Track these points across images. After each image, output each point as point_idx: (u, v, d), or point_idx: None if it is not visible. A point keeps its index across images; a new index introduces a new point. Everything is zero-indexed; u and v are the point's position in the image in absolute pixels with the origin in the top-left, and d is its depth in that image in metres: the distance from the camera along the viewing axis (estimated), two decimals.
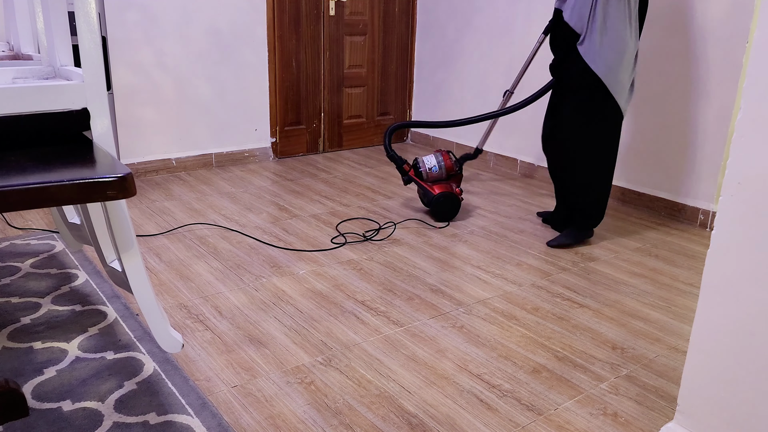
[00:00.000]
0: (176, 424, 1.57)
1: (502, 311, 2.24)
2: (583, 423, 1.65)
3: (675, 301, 2.36)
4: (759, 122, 1.24)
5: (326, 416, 1.64)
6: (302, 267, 2.56)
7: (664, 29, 3.18)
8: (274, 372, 1.83)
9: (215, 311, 2.18)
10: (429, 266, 2.60)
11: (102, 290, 2.28)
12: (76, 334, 1.98)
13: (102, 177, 1.23)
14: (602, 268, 2.64)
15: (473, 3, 4.22)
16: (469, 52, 4.31)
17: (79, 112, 1.49)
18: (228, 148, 4.06)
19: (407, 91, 4.85)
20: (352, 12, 4.38)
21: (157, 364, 1.83)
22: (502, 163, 4.20)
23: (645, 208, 3.42)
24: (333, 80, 4.42)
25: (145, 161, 3.75)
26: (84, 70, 1.47)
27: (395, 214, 3.22)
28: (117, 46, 3.52)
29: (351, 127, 4.62)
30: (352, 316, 2.17)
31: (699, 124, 3.12)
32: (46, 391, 1.68)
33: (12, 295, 2.23)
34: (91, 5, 1.43)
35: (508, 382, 1.82)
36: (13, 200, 1.15)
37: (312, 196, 3.50)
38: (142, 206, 3.23)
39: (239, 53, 3.94)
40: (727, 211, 1.31)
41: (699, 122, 3.12)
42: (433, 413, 1.67)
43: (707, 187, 3.15)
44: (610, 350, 2.01)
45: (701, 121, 3.11)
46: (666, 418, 1.68)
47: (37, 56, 2.12)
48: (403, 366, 1.88)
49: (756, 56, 1.24)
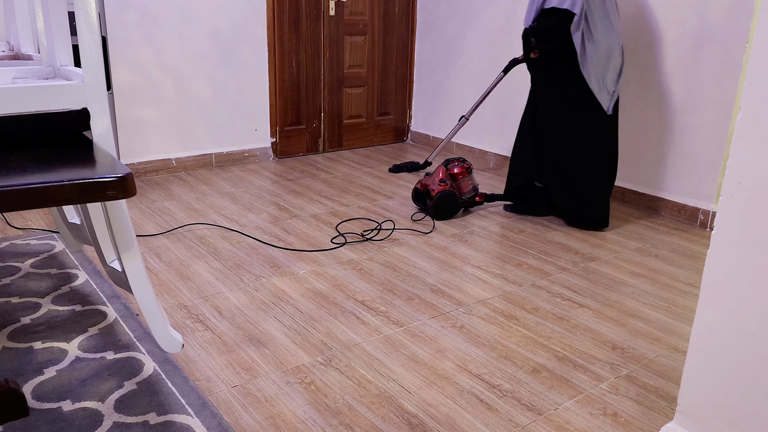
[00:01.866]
0: (176, 424, 1.57)
1: (502, 311, 2.24)
2: (583, 423, 1.65)
3: (675, 301, 2.36)
4: (759, 122, 1.24)
5: (326, 416, 1.64)
6: (302, 267, 2.56)
7: (664, 29, 3.18)
8: (274, 372, 1.83)
9: (215, 311, 2.18)
10: (429, 266, 2.60)
11: (102, 290, 2.28)
12: (76, 334, 1.98)
13: (102, 177, 1.23)
14: (602, 268, 2.64)
15: (473, 3, 4.21)
16: (469, 52, 4.31)
17: (79, 112, 1.49)
18: (228, 148, 4.06)
19: (407, 91, 4.85)
20: (352, 12, 4.38)
21: (157, 364, 1.83)
22: (502, 163, 4.20)
23: (645, 208, 3.42)
24: (333, 80, 4.42)
25: (145, 161, 3.75)
26: (84, 70, 1.47)
27: (395, 214, 3.22)
28: (117, 46, 3.52)
29: (351, 127, 4.62)
30: (352, 316, 2.17)
31: (699, 124, 3.12)
32: (46, 391, 1.68)
33: (12, 295, 2.23)
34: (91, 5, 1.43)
35: (508, 382, 1.82)
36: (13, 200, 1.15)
37: (312, 196, 3.50)
38: (142, 206, 3.23)
39: (239, 53, 3.94)
40: (727, 211, 1.31)
41: (699, 122, 3.11)
42: (433, 413, 1.67)
43: (707, 187, 3.15)
44: (610, 350, 2.01)
45: (701, 121, 3.11)
46: (666, 418, 1.68)
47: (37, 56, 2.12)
48: (403, 366, 1.88)
49: (756, 56, 1.24)
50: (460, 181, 3.19)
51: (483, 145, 4.35)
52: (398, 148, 4.71)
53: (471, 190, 3.23)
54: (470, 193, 3.23)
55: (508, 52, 4.04)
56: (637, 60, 3.32)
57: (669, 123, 3.25)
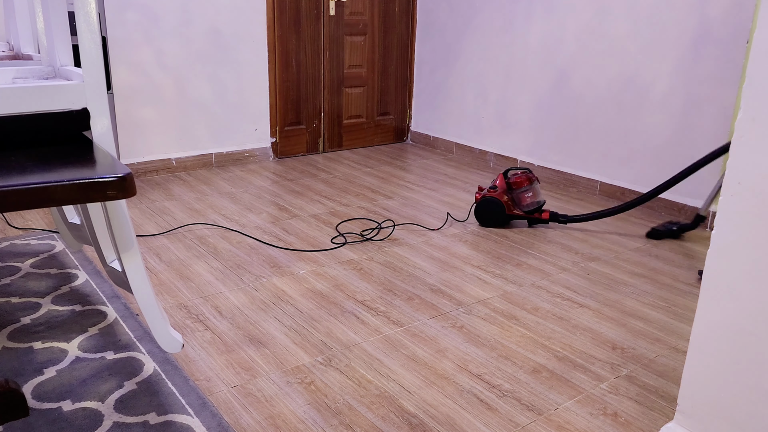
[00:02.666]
0: (176, 424, 1.57)
1: (502, 311, 2.24)
2: (583, 423, 1.65)
3: (675, 301, 2.36)
4: (759, 122, 1.24)
5: (326, 416, 1.64)
6: (302, 267, 2.56)
7: (664, 29, 3.18)
8: (274, 372, 1.83)
9: (215, 311, 2.18)
10: (429, 266, 2.60)
11: (102, 290, 2.28)
12: (76, 334, 1.98)
13: (102, 177, 1.23)
14: (602, 268, 2.64)
15: (473, 3, 4.21)
16: (469, 52, 4.31)
17: (79, 112, 1.49)
18: (228, 148, 4.06)
19: (407, 91, 4.85)
20: (352, 12, 4.38)
21: (157, 364, 1.83)
22: (502, 163, 4.20)
23: (645, 208, 3.42)
24: (333, 80, 4.42)
25: (145, 161, 3.75)
26: (84, 70, 1.47)
27: (395, 214, 3.22)
28: (117, 46, 3.52)
29: (351, 127, 4.62)
30: (352, 316, 2.17)
31: (699, 124, 3.12)
32: (46, 391, 1.68)
33: (12, 295, 2.23)
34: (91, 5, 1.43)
35: (508, 382, 1.82)
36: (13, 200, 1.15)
37: (312, 196, 3.50)
38: (142, 206, 3.23)
39: (239, 53, 3.94)
40: (727, 211, 1.31)
41: (699, 122, 3.11)
42: (433, 413, 1.67)
43: (707, 187, 3.15)
44: (610, 350, 2.01)
45: (701, 121, 3.11)
46: (666, 418, 1.68)
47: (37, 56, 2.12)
48: (403, 366, 1.88)
49: (756, 56, 1.24)
50: (518, 191, 3.00)
51: (483, 145, 4.35)
52: (398, 148, 4.71)
53: (532, 203, 3.02)
54: (531, 207, 3.02)
55: (508, 52, 4.04)
56: (637, 60, 3.32)
57: (669, 123, 3.25)
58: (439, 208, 3.33)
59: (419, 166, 4.23)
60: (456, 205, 3.40)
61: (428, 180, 3.89)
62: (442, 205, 3.39)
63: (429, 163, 4.30)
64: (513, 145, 4.12)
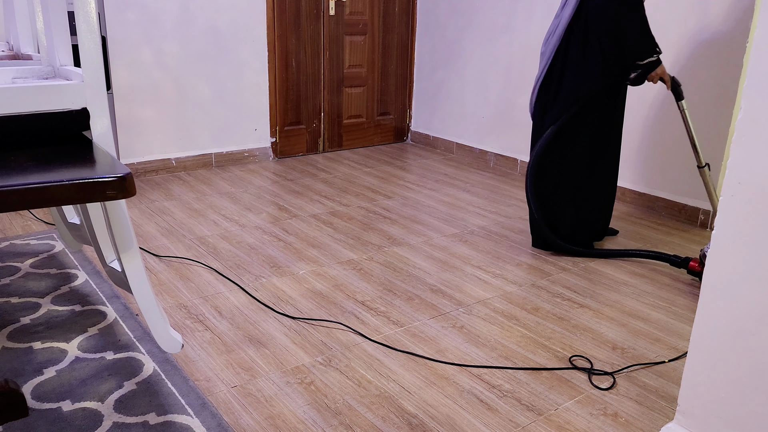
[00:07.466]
0: (176, 424, 1.57)
1: (502, 311, 2.24)
2: (584, 423, 1.65)
3: (675, 301, 2.36)
4: (759, 122, 1.24)
5: (326, 416, 1.64)
6: (302, 267, 2.56)
7: (664, 29, 3.18)
8: (274, 372, 1.83)
9: (215, 311, 2.18)
10: (429, 266, 2.60)
11: (102, 290, 2.28)
12: (76, 334, 1.98)
13: (102, 177, 1.22)
14: (602, 268, 2.64)
15: (473, 3, 4.21)
16: (469, 52, 4.31)
17: (79, 112, 1.49)
18: (228, 148, 4.06)
19: (407, 91, 4.85)
20: (352, 12, 4.38)
21: (157, 365, 1.82)
22: (502, 163, 4.20)
23: (645, 208, 3.42)
24: (333, 80, 4.42)
25: (144, 161, 3.74)
26: (84, 70, 1.47)
27: (395, 214, 3.22)
28: (117, 46, 3.51)
29: (351, 126, 4.62)
30: (352, 316, 2.17)
31: (699, 124, 3.11)
32: (45, 391, 1.68)
33: (12, 295, 2.23)
34: (91, 5, 1.43)
35: (508, 382, 1.82)
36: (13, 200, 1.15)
37: (312, 196, 3.49)
38: (142, 206, 3.23)
39: (239, 53, 3.94)
40: (727, 211, 1.31)
41: (699, 122, 3.11)
42: (433, 413, 1.67)
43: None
44: (610, 350, 2.01)
45: (701, 121, 3.11)
46: (666, 418, 1.68)
47: (36, 56, 2.12)
48: (403, 366, 1.88)
49: (756, 56, 1.24)
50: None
51: (483, 145, 4.35)
52: (398, 148, 4.71)
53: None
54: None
55: (508, 52, 4.04)
56: None
57: (669, 123, 3.25)
58: (439, 208, 3.33)
59: (419, 166, 4.23)
60: (456, 205, 3.39)
61: (428, 180, 3.88)
62: (442, 205, 3.39)
63: (429, 163, 4.30)
64: (513, 145, 4.12)
